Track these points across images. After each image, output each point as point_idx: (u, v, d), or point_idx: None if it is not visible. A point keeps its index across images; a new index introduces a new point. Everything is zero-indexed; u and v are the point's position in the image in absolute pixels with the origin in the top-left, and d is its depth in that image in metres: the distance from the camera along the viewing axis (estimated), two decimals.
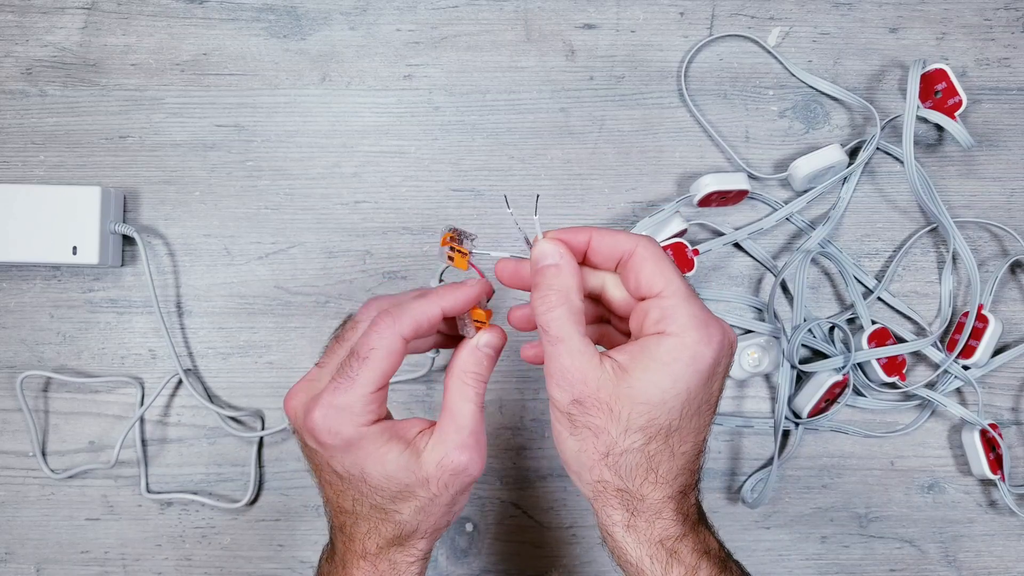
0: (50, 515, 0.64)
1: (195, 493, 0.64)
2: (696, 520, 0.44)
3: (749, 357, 0.63)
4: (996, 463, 0.63)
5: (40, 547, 0.64)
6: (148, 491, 0.64)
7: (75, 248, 0.61)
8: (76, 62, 0.66)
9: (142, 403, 0.64)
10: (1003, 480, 0.63)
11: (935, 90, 0.64)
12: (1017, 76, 0.67)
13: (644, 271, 0.42)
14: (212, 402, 0.65)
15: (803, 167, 0.63)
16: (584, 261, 0.45)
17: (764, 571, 0.64)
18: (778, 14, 0.67)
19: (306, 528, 0.64)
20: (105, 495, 0.65)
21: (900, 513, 0.65)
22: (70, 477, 0.64)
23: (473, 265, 0.46)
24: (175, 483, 0.64)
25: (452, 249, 0.45)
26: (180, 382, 0.64)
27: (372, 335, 0.42)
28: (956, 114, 0.63)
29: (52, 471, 0.64)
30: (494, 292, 0.46)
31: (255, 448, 0.64)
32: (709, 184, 0.62)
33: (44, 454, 0.65)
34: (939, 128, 0.66)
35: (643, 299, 0.43)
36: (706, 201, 0.63)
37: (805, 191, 0.65)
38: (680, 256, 0.62)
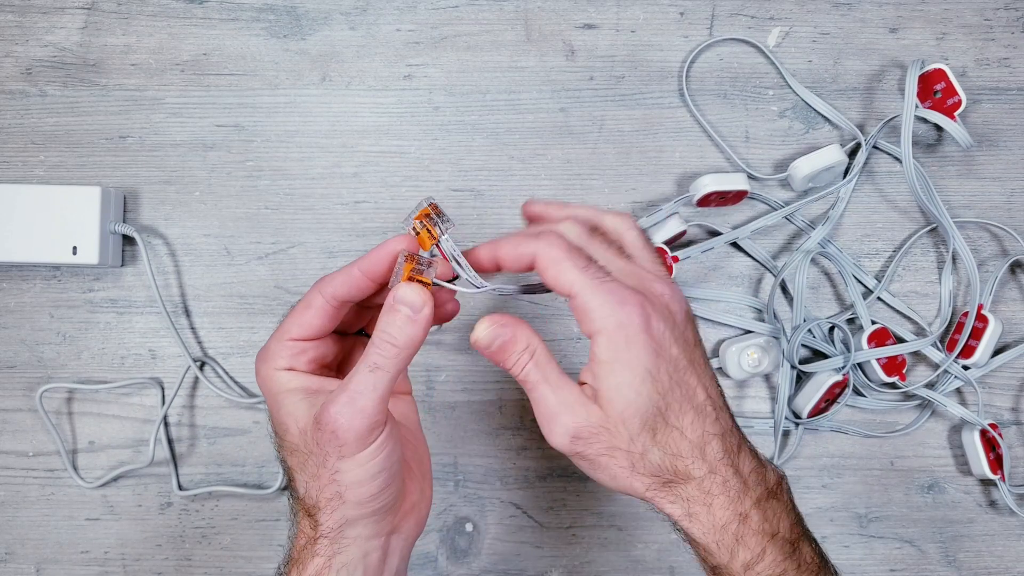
0: (50, 515, 0.64)
1: (227, 485, 0.64)
2: (761, 496, 0.43)
3: (749, 358, 0.63)
4: (996, 463, 0.63)
5: (40, 547, 0.64)
6: (180, 488, 0.64)
7: (75, 248, 0.61)
8: (76, 62, 0.66)
9: (163, 402, 0.65)
10: (1003, 480, 0.63)
11: (934, 90, 0.64)
12: (1017, 76, 0.67)
13: (548, 278, 0.42)
14: (231, 391, 0.65)
15: (803, 167, 0.63)
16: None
17: None
18: (778, 14, 0.67)
19: None
20: (105, 495, 0.65)
21: (900, 513, 0.65)
22: (102, 485, 0.64)
23: (439, 248, 0.43)
24: (191, 482, 0.64)
25: (423, 224, 0.42)
26: (195, 379, 0.64)
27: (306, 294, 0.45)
28: (956, 114, 0.63)
29: (83, 480, 0.64)
30: (425, 258, 0.43)
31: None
32: (708, 184, 0.62)
33: (75, 466, 0.65)
34: (939, 128, 0.66)
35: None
36: (705, 201, 0.63)
37: (806, 191, 0.65)
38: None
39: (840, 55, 0.67)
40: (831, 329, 0.65)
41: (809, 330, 0.64)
